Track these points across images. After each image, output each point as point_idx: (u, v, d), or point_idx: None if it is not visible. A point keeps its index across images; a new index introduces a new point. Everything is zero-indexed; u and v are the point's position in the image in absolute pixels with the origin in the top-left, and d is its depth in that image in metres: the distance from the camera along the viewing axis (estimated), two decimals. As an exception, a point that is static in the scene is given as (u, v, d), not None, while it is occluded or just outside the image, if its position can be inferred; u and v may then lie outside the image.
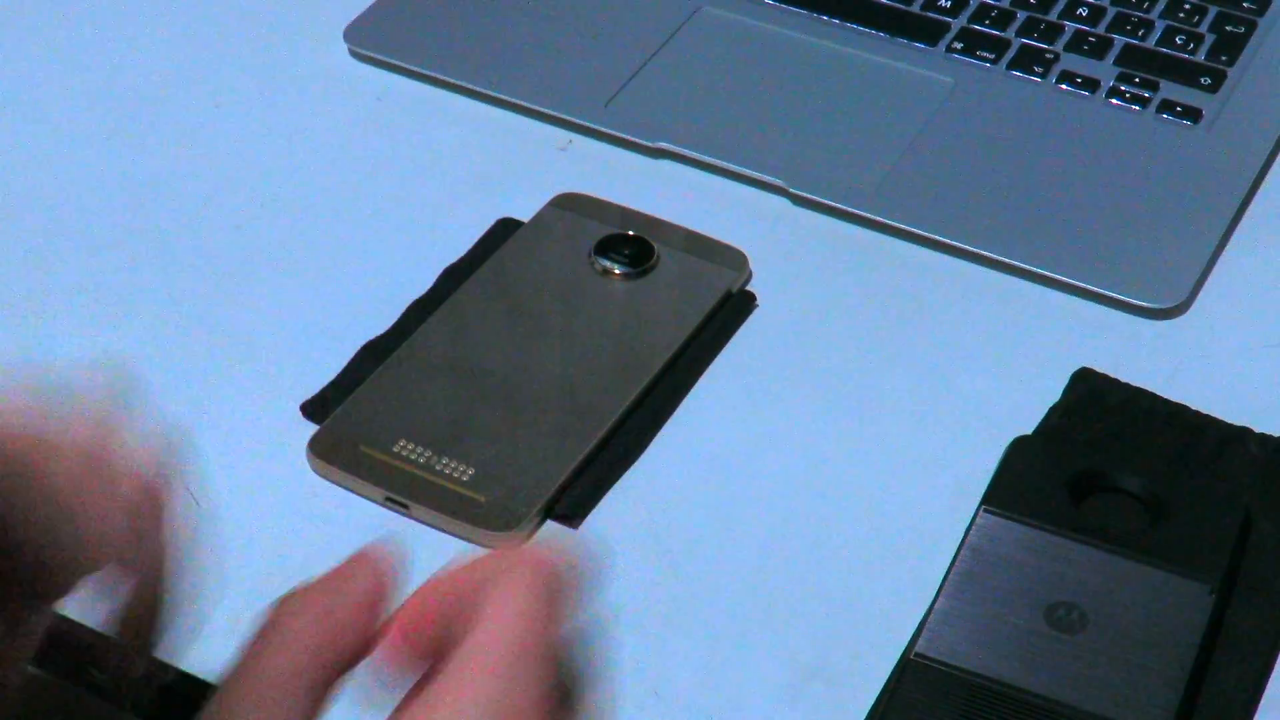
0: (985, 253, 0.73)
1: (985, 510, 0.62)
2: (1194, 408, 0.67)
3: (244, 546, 0.63)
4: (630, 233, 0.73)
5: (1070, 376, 0.68)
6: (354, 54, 0.85)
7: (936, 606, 0.59)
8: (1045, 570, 0.60)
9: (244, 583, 0.62)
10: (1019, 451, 0.64)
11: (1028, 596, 0.59)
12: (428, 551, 0.63)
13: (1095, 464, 0.64)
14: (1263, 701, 0.58)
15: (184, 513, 0.52)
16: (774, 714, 0.58)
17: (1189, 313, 0.72)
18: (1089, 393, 0.67)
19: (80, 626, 0.61)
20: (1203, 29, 0.83)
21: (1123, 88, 0.80)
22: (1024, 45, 0.83)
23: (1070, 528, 0.61)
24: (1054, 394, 0.67)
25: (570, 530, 0.63)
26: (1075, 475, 0.63)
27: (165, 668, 0.59)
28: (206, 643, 0.60)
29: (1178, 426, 0.66)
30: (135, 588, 0.52)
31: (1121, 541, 0.60)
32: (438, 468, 0.64)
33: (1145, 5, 0.84)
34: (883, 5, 0.85)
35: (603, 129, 0.80)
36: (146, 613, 0.53)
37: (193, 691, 0.59)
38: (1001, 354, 0.70)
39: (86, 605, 0.61)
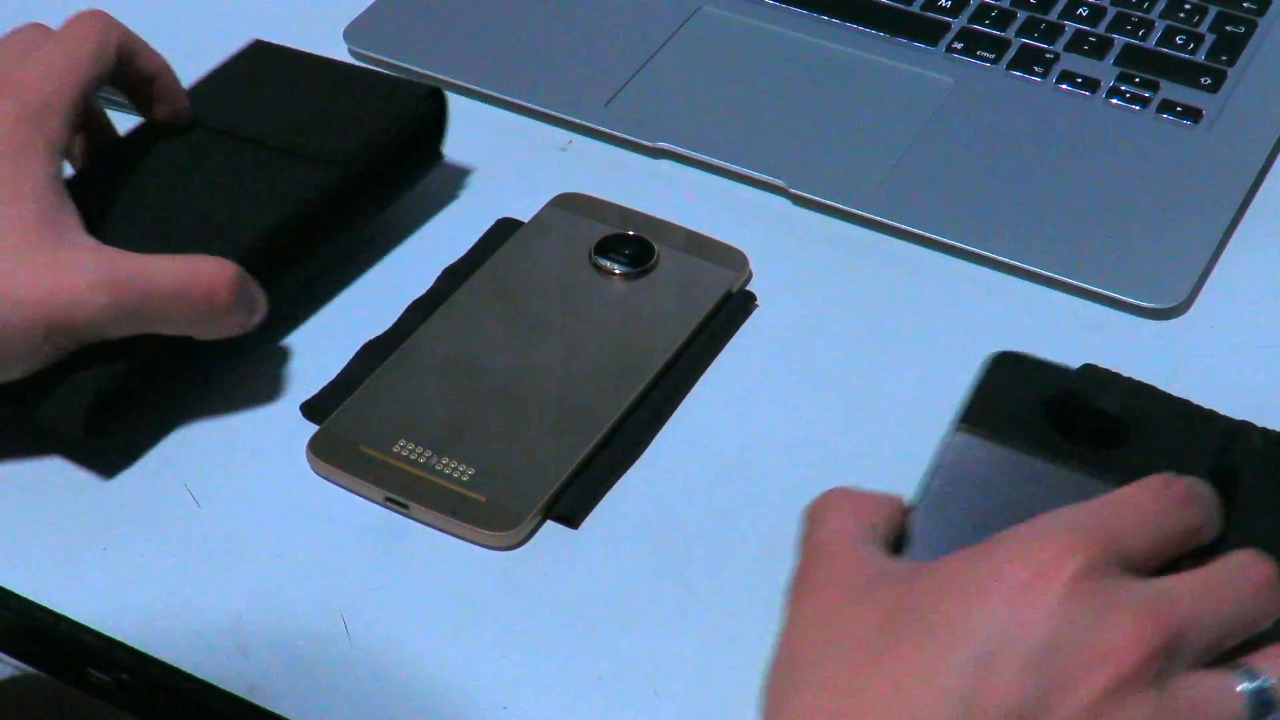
0: (985, 253, 0.73)
1: (959, 429, 0.60)
2: (1195, 402, 0.67)
3: (244, 546, 0.63)
4: (630, 233, 0.73)
5: (1079, 368, 0.68)
6: (354, 54, 0.85)
7: (915, 530, 0.57)
8: (1021, 492, 0.57)
9: (244, 583, 0.62)
10: (996, 370, 0.62)
11: (1004, 518, 0.57)
12: (428, 551, 0.63)
13: (1072, 385, 0.63)
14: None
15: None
16: (774, 714, 0.58)
17: (1189, 313, 0.72)
18: (1094, 383, 0.67)
19: (80, 626, 0.61)
20: (1203, 29, 0.83)
21: (1123, 88, 0.80)
22: (1024, 45, 0.83)
23: (1046, 449, 0.60)
24: (1054, 394, 0.67)
25: (570, 530, 0.63)
26: (1052, 397, 0.62)
27: (165, 667, 0.60)
28: (207, 643, 0.60)
29: (1181, 418, 0.66)
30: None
31: (1098, 464, 0.59)
32: (438, 468, 0.64)
33: (1145, 5, 0.84)
34: (883, 5, 0.85)
35: (603, 129, 0.80)
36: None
37: (192, 691, 0.59)
38: (1001, 354, 0.70)
39: (86, 604, 0.61)
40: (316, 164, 0.71)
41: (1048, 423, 0.61)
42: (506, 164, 0.79)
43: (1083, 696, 0.46)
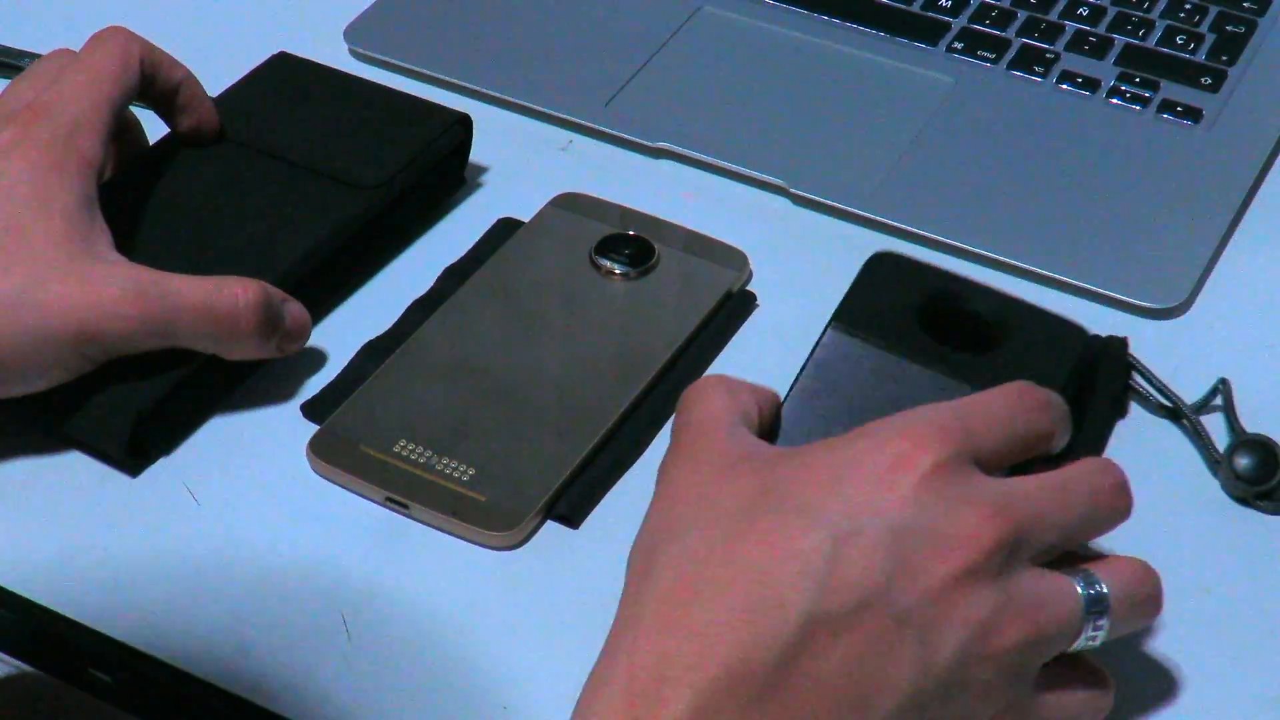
0: (986, 253, 0.73)
1: (834, 328, 0.62)
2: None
3: (244, 546, 0.63)
4: (630, 233, 0.73)
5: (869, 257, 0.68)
6: (354, 54, 0.85)
7: (785, 422, 0.58)
8: (887, 390, 0.58)
9: (245, 582, 0.62)
10: (874, 270, 0.64)
11: (869, 414, 0.57)
12: (428, 551, 0.63)
13: (947, 288, 0.64)
14: (1262, 701, 0.58)
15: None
16: (774, 714, 0.58)
17: (1189, 313, 0.72)
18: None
19: (80, 626, 0.61)
20: (1203, 29, 0.83)
21: (1123, 87, 0.80)
22: (1024, 45, 0.83)
23: (914, 350, 0.61)
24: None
25: (570, 530, 0.63)
26: (926, 300, 0.63)
27: (165, 667, 0.60)
28: (207, 642, 0.60)
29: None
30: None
31: (963, 366, 0.59)
32: (438, 468, 0.64)
33: (1146, 5, 0.84)
34: (883, 5, 0.85)
35: (603, 129, 0.80)
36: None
37: (192, 691, 0.59)
38: (1002, 354, 0.70)
39: (86, 604, 0.61)
40: (351, 189, 0.72)
41: (919, 325, 0.62)
42: (507, 164, 0.79)
43: (927, 582, 0.49)
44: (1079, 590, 0.52)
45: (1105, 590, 0.52)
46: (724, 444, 0.53)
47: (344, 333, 0.70)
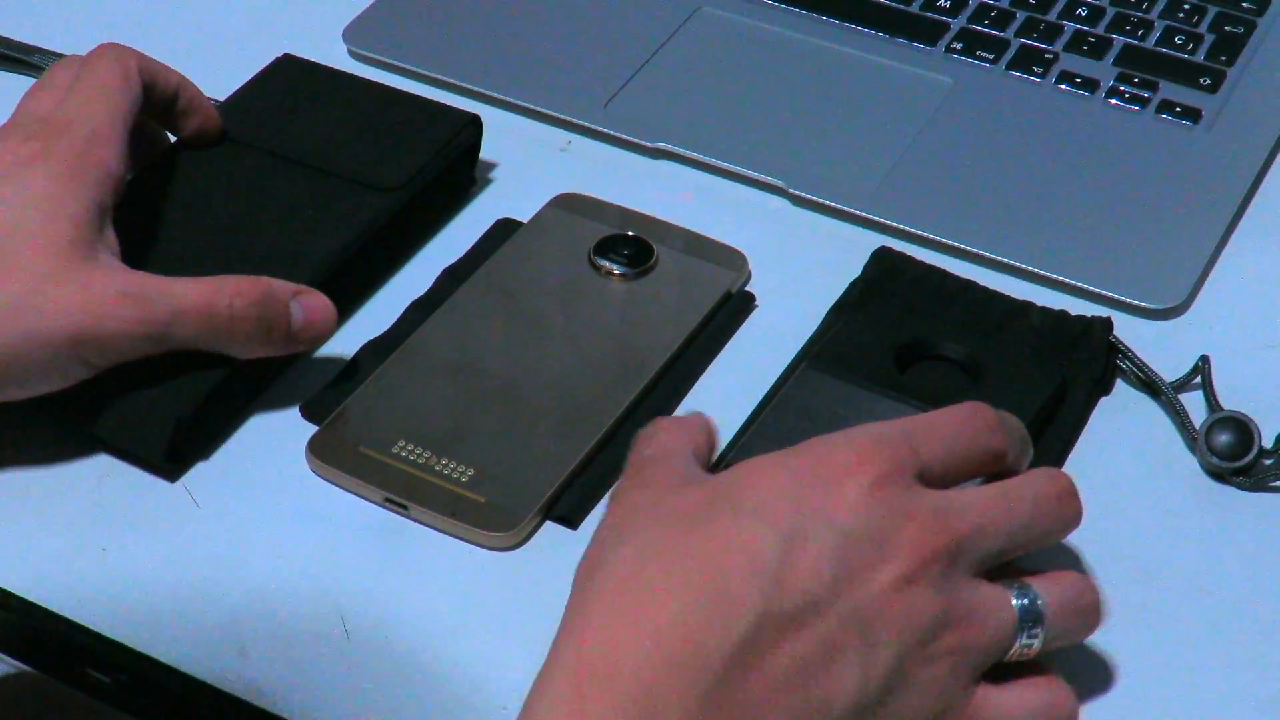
0: (985, 253, 0.73)
1: (806, 365, 0.63)
2: (982, 284, 0.70)
3: (243, 547, 0.63)
4: (630, 233, 0.73)
5: (871, 254, 0.71)
6: (353, 54, 0.85)
7: (741, 443, 0.59)
8: (851, 422, 0.59)
9: (244, 583, 0.62)
10: (842, 315, 0.65)
11: None
12: (428, 552, 0.63)
13: (920, 333, 0.65)
14: (1263, 702, 0.58)
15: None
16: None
17: (1189, 313, 0.72)
18: (887, 269, 0.70)
19: (80, 626, 0.61)
20: (1202, 29, 0.83)
21: (1122, 88, 0.80)
22: (1023, 45, 0.83)
23: (888, 387, 0.62)
24: (1053, 394, 0.68)
25: (570, 530, 0.63)
26: (902, 345, 0.64)
27: (165, 668, 0.60)
28: (206, 643, 0.60)
29: (968, 299, 0.69)
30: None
31: (935, 402, 0.60)
32: (437, 468, 0.64)
33: (1145, 5, 0.84)
34: (882, 5, 0.85)
35: (602, 129, 0.80)
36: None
37: (191, 692, 0.59)
38: (1001, 354, 0.70)
39: (85, 604, 0.61)
40: (373, 191, 0.72)
41: (895, 365, 0.64)
42: (506, 164, 0.79)
43: (867, 589, 0.50)
44: (1013, 601, 0.53)
45: (1039, 601, 0.53)
46: (672, 472, 0.55)
47: (343, 334, 0.70)
